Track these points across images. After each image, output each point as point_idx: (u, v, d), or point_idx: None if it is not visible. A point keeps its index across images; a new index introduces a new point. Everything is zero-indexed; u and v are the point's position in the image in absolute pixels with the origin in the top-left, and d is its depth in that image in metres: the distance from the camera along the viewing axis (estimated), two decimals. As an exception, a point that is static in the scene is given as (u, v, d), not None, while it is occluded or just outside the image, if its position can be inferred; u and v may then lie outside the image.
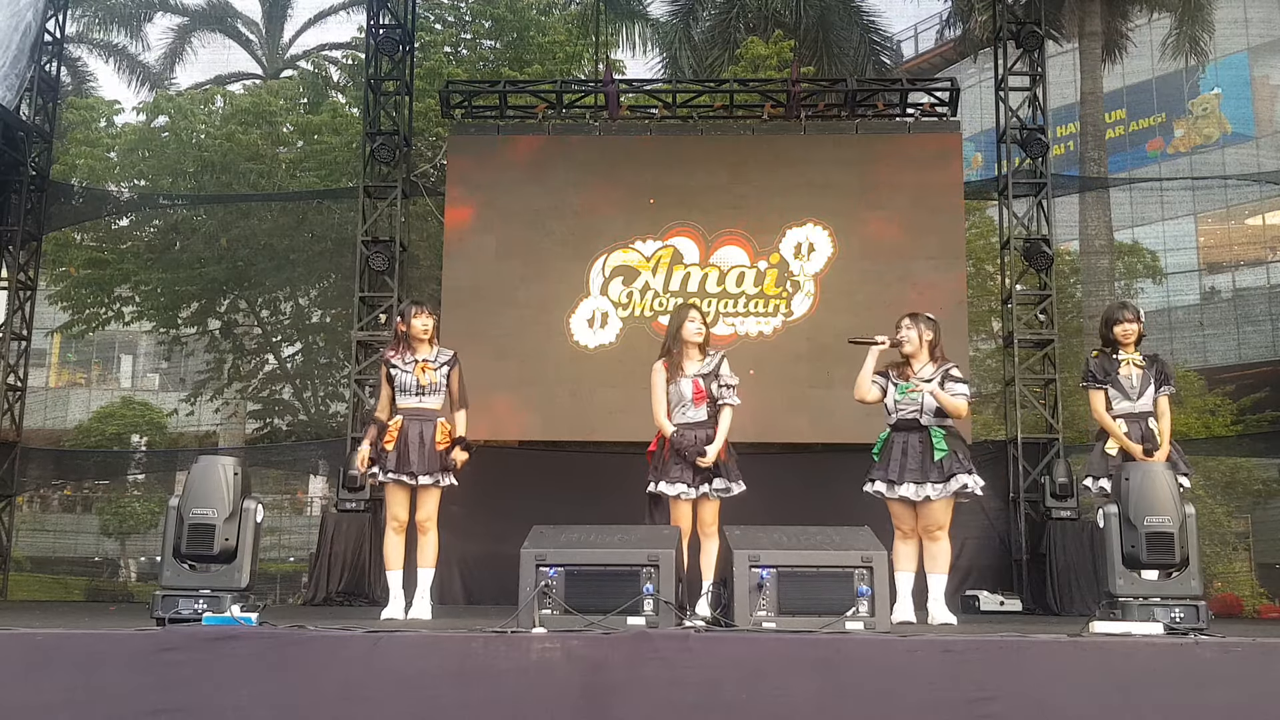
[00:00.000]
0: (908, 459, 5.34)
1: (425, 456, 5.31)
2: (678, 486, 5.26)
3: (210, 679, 3.34)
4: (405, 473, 5.28)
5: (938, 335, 5.57)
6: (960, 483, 5.27)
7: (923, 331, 5.53)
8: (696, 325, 5.45)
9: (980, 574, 9.00)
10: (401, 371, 5.39)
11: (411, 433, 5.32)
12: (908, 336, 5.54)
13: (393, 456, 5.29)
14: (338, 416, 15.34)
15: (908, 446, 5.37)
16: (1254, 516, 14.92)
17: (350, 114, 15.52)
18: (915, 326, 5.54)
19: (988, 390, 14.11)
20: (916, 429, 5.38)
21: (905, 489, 5.32)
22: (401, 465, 5.28)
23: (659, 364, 5.48)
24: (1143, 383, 5.58)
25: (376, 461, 5.34)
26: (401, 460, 5.28)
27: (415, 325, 5.42)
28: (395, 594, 5.44)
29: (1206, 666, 3.39)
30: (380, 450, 5.32)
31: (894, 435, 5.46)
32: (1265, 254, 17.25)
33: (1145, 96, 19.85)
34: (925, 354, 5.52)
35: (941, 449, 5.29)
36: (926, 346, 5.53)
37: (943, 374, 5.44)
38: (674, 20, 16.73)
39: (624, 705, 3.29)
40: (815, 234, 9.62)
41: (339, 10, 19.26)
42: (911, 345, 5.53)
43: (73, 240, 15.04)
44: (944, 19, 17.74)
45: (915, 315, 5.61)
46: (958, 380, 5.42)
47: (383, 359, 5.53)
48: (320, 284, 16.18)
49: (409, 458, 5.28)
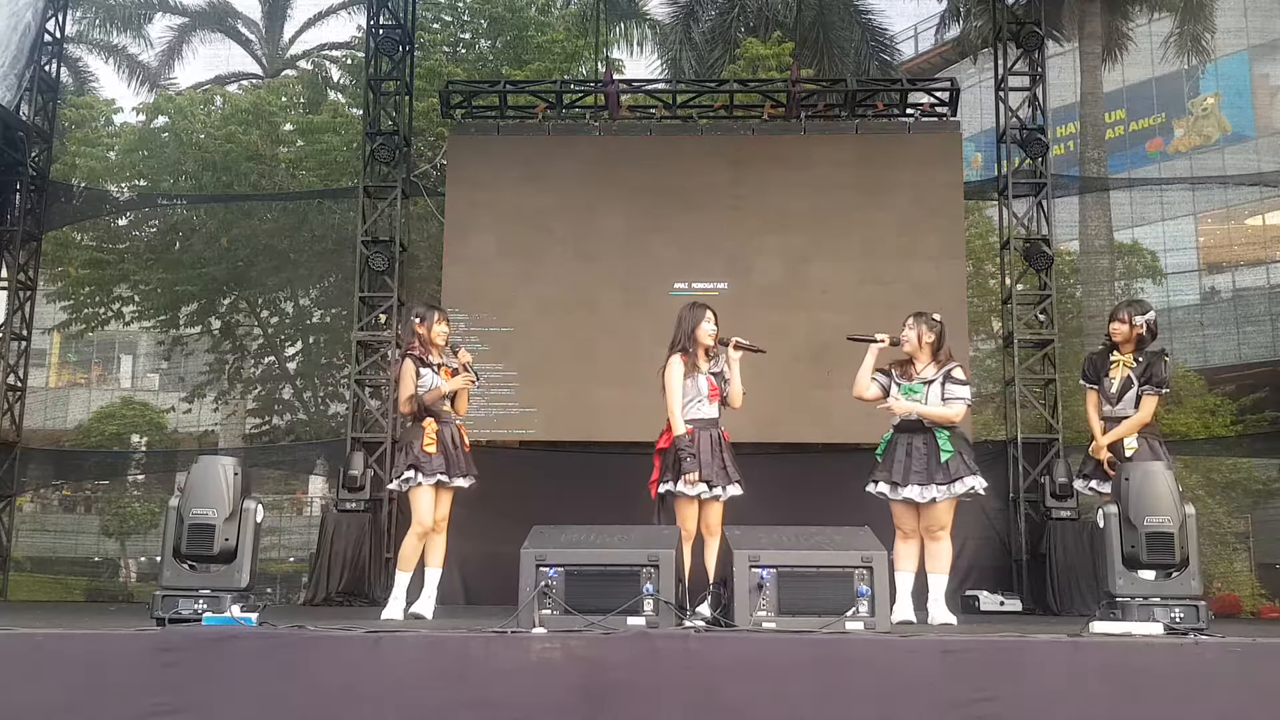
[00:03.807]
0: (912, 460, 5.32)
1: (463, 459, 5.50)
2: (699, 487, 5.26)
3: (210, 679, 3.34)
4: (456, 475, 5.44)
5: (940, 337, 5.52)
6: (967, 485, 5.27)
7: (923, 333, 5.48)
8: (711, 326, 5.47)
9: (980, 574, 8.99)
10: (431, 373, 5.49)
11: (445, 436, 5.45)
12: (908, 337, 5.52)
13: (439, 460, 5.38)
14: (338, 416, 15.33)
15: (912, 448, 5.35)
16: (1254, 516, 14.91)
17: (350, 114, 15.51)
18: (916, 327, 5.51)
19: (988, 390, 14.11)
20: (921, 430, 5.37)
21: (910, 490, 5.30)
22: (451, 469, 5.42)
23: (676, 358, 5.45)
24: (1123, 387, 5.43)
25: (416, 466, 5.37)
26: (450, 464, 5.42)
27: (437, 331, 5.55)
28: (399, 595, 5.47)
29: (1206, 666, 3.39)
30: (422, 454, 5.36)
31: (898, 436, 5.44)
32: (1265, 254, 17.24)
33: (1145, 96, 19.83)
34: (927, 355, 5.49)
35: (948, 450, 5.28)
36: (927, 348, 5.48)
37: (944, 375, 5.42)
38: (674, 21, 16.74)
39: (624, 705, 3.29)
40: (815, 234, 9.63)
41: (339, 10, 19.27)
42: (911, 345, 5.51)
43: (72, 240, 15.02)
44: (942, 19, 17.74)
45: (919, 315, 5.56)
46: (958, 383, 5.39)
47: (410, 355, 5.54)
48: (320, 284, 16.17)
49: (454, 461, 5.44)
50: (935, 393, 5.38)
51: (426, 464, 5.35)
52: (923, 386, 5.42)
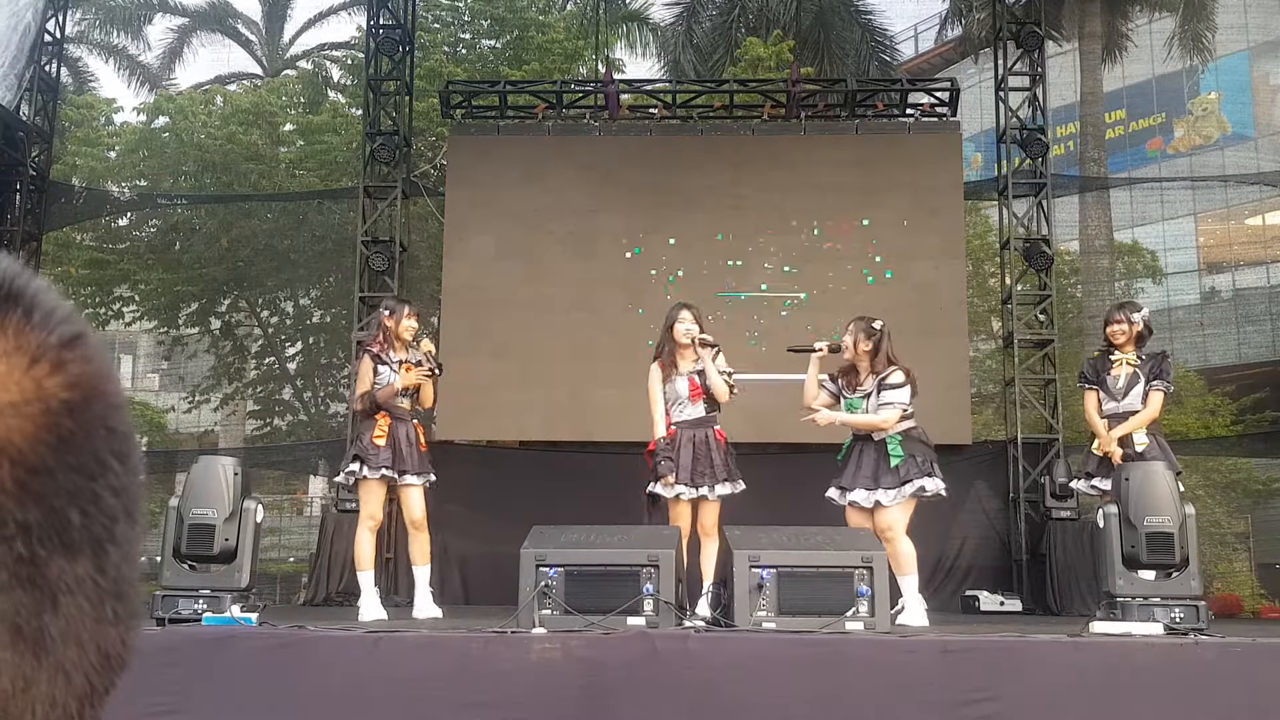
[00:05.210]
0: (862, 466, 5.29)
1: (416, 457, 5.32)
2: (676, 488, 5.24)
3: (210, 679, 3.34)
4: (400, 470, 5.26)
5: (878, 344, 5.34)
6: (915, 486, 5.19)
7: (859, 340, 5.35)
8: (686, 325, 5.39)
9: (980, 574, 8.99)
10: (389, 370, 5.34)
11: (399, 432, 5.30)
12: (846, 343, 5.41)
13: (386, 454, 5.21)
14: (338, 417, 15.34)
15: (864, 454, 5.32)
16: (1254, 516, 14.91)
17: (350, 114, 15.52)
18: (854, 334, 5.38)
19: (988, 390, 14.11)
20: (871, 437, 5.35)
21: (857, 494, 5.27)
22: (397, 463, 5.26)
23: (654, 366, 5.46)
24: (1130, 383, 5.46)
25: (361, 458, 5.26)
26: (397, 458, 5.25)
27: (405, 326, 5.40)
28: (371, 593, 5.40)
29: (1206, 666, 3.39)
30: (369, 446, 5.24)
31: (855, 442, 5.43)
32: (1265, 254, 17.23)
33: (1145, 96, 19.83)
34: (865, 362, 5.39)
35: (897, 455, 5.20)
36: (865, 355, 5.35)
37: (878, 384, 5.32)
38: (675, 23, 16.74)
39: (624, 705, 3.29)
40: (815, 234, 9.63)
41: (339, 10, 19.26)
42: (849, 353, 5.41)
43: (73, 240, 15.03)
44: (943, 18, 17.75)
45: (858, 320, 5.45)
46: (890, 387, 5.27)
47: (367, 351, 5.42)
48: (320, 284, 16.19)
49: (404, 457, 5.27)
50: (873, 403, 5.31)
51: (373, 457, 5.19)
52: (862, 401, 5.35)
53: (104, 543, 0.38)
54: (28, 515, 0.36)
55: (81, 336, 0.39)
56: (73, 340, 0.39)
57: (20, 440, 0.36)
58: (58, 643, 0.37)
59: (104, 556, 0.38)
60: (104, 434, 0.39)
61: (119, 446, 0.39)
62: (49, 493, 0.37)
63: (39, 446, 0.36)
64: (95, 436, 0.38)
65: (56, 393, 0.37)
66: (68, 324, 0.39)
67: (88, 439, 0.38)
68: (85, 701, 0.39)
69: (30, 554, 0.36)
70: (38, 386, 0.37)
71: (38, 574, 0.36)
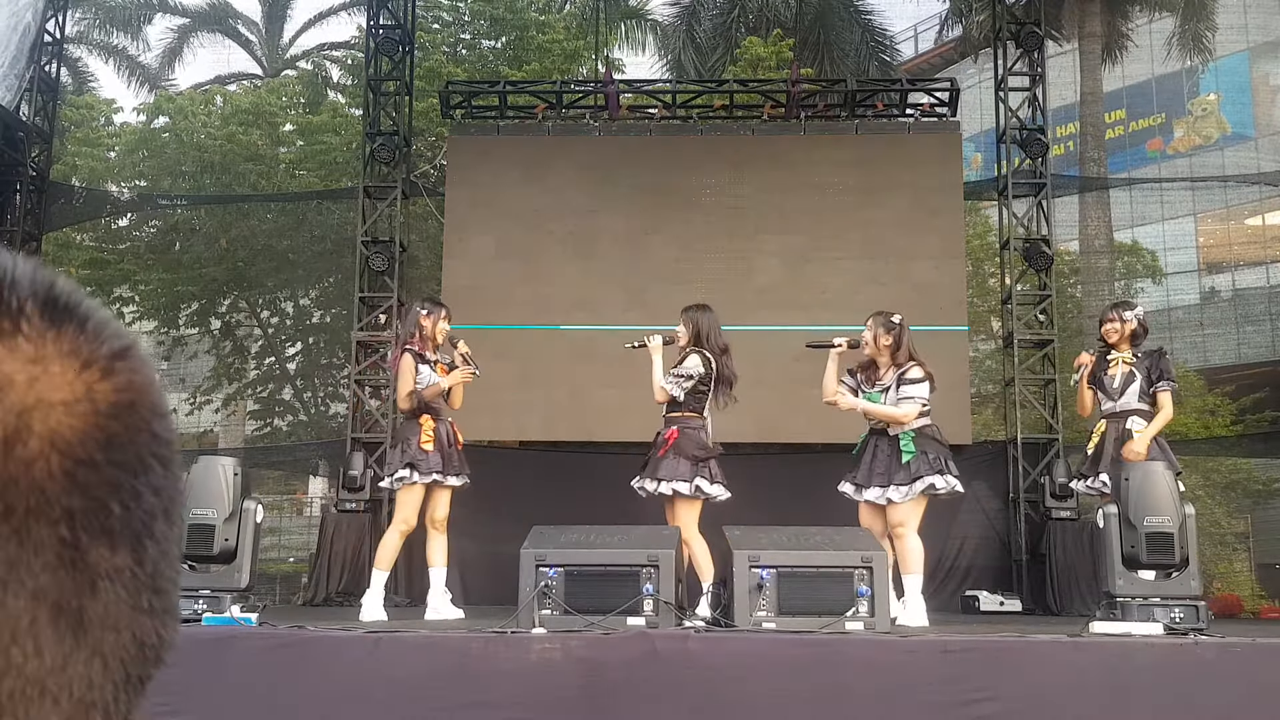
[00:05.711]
0: (876, 462, 5.32)
1: (457, 458, 5.46)
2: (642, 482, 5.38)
3: (210, 679, 3.34)
4: (451, 474, 5.38)
5: (898, 338, 5.40)
6: (926, 483, 5.20)
7: (879, 334, 5.41)
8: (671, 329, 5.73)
9: (980, 574, 8.99)
10: (429, 369, 5.46)
11: (442, 433, 5.41)
12: (865, 338, 5.46)
13: (435, 458, 5.30)
14: (338, 417, 15.33)
15: (878, 450, 5.35)
16: (1254, 517, 14.91)
17: (350, 114, 15.52)
18: (873, 328, 5.44)
19: (987, 391, 14.10)
20: (886, 433, 5.37)
21: (870, 493, 5.29)
22: (448, 467, 5.36)
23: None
24: (1125, 381, 5.49)
25: (412, 464, 5.31)
26: (447, 463, 5.36)
27: (441, 329, 5.55)
28: (378, 592, 5.43)
29: (1206, 666, 3.39)
30: (418, 451, 5.30)
31: (869, 438, 5.46)
32: (1265, 254, 17.23)
33: (1145, 97, 19.84)
34: (886, 357, 5.42)
35: (909, 451, 5.22)
36: (885, 350, 5.40)
37: (898, 377, 5.35)
38: (676, 21, 16.75)
39: (624, 705, 3.28)
40: (815, 234, 9.63)
41: (339, 10, 19.27)
42: (869, 348, 5.46)
43: (73, 240, 15.03)
44: (943, 19, 17.75)
45: (878, 315, 5.50)
46: (910, 382, 5.31)
47: (409, 350, 5.50)
48: (320, 284, 16.18)
49: (449, 458, 5.39)
50: (892, 398, 5.35)
51: (423, 462, 5.28)
52: (881, 395, 5.39)
53: (143, 537, 0.41)
54: (73, 502, 0.38)
55: (130, 349, 0.43)
56: (123, 351, 0.42)
57: (70, 434, 0.39)
58: (95, 625, 0.40)
59: (142, 550, 0.41)
60: (147, 437, 0.42)
61: (160, 450, 0.42)
62: (93, 484, 0.39)
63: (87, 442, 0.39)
64: (139, 438, 0.41)
65: (105, 396, 0.40)
66: (118, 338, 0.42)
67: (132, 440, 0.41)
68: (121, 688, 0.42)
69: (74, 538, 0.39)
70: (88, 389, 0.40)
71: (79, 558, 0.39)
